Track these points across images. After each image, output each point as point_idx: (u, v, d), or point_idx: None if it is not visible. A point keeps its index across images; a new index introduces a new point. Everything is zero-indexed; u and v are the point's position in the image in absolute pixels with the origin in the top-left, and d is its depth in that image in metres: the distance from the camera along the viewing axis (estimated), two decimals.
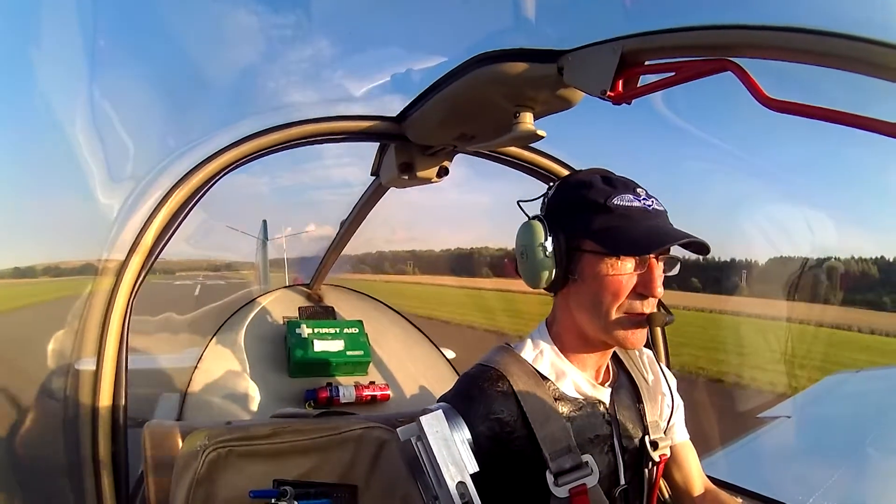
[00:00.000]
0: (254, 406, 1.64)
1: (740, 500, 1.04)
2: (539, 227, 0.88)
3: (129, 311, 1.14)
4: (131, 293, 1.14)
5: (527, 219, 0.92)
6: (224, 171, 1.20)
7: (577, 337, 0.92)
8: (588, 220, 0.86)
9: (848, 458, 1.80)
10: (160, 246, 1.16)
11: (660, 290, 0.85)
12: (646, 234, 0.83)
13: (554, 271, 0.88)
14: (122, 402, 1.12)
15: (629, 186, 0.87)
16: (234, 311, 1.87)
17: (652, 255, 0.85)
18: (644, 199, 0.86)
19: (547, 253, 0.87)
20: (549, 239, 0.87)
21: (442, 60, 1.04)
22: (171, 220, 1.16)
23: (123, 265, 1.13)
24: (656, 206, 0.86)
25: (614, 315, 0.85)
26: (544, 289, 0.92)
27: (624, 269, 0.84)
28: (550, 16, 0.92)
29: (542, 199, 0.95)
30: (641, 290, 0.84)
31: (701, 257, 0.92)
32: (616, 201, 0.84)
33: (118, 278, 1.13)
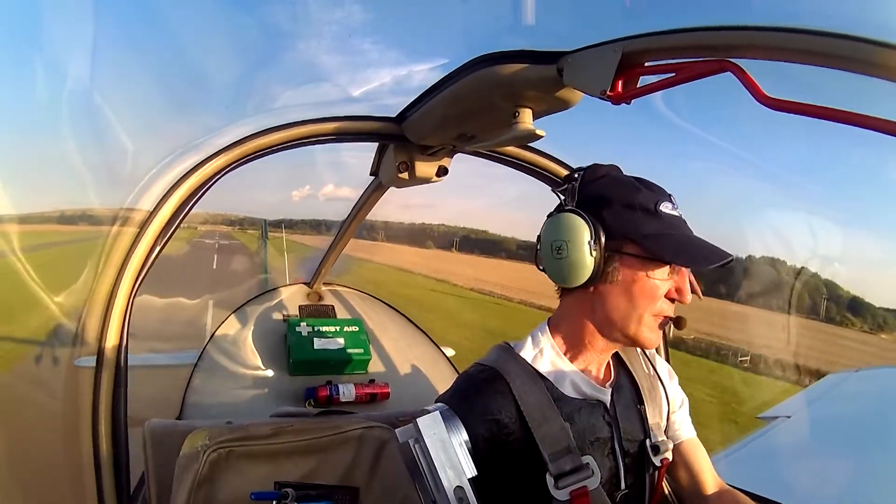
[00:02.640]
0: (254, 404, 1.64)
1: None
2: (584, 224, 0.85)
3: (129, 310, 1.14)
4: (131, 293, 1.14)
5: (561, 209, 0.90)
6: (223, 171, 1.20)
7: (586, 337, 0.91)
8: (638, 223, 0.85)
9: (847, 459, 1.80)
10: (159, 246, 1.16)
11: (689, 296, 0.88)
12: (693, 246, 0.84)
13: (592, 270, 0.86)
14: (123, 400, 1.12)
15: (665, 193, 0.88)
16: (235, 308, 1.87)
17: None
18: (677, 207, 0.88)
19: (593, 252, 0.85)
20: (594, 237, 0.85)
21: (442, 62, 1.04)
22: (170, 220, 1.17)
23: (123, 265, 1.13)
24: (682, 215, 0.88)
25: (647, 318, 0.87)
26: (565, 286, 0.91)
27: (662, 275, 0.86)
28: (550, 17, 0.92)
29: (569, 189, 0.92)
30: (675, 296, 0.87)
31: None
32: (663, 208, 0.85)
33: (118, 278, 1.13)
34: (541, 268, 0.92)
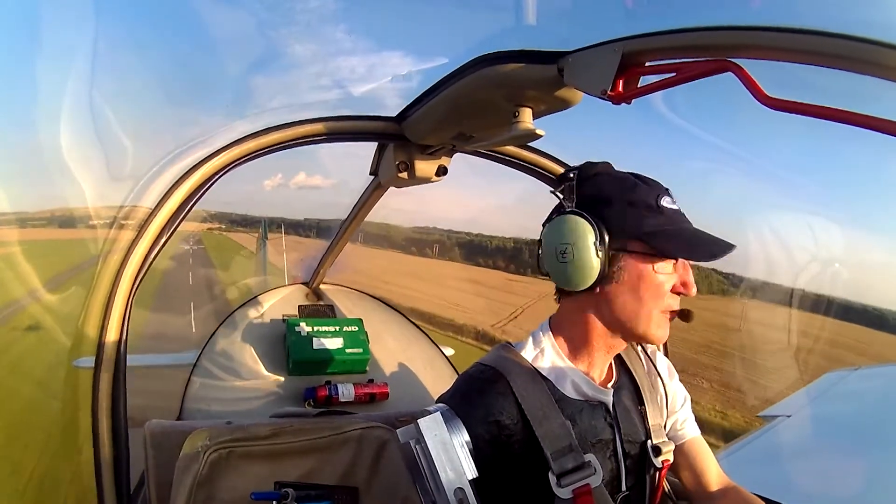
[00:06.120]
0: (254, 404, 1.64)
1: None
2: (588, 226, 0.83)
3: (128, 310, 1.14)
4: (130, 293, 1.14)
5: (561, 211, 0.88)
6: (223, 170, 1.20)
7: (592, 339, 0.90)
8: (641, 220, 0.84)
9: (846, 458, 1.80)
10: (158, 246, 1.16)
11: (694, 289, 0.87)
12: (696, 239, 0.84)
13: (598, 272, 0.83)
14: (122, 400, 1.12)
15: (663, 187, 0.88)
16: (234, 309, 1.87)
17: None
18: (676, 201, 0.88)
19: (598, 253, 0.83)
20: (598, 238, 0.83)
21: (442, 62, 1.04)
22: (170, 220, 1.16)
23: (122, 265, 1.13)
24: (681, 209, 0.88)
25: (655, 315, 0.86)
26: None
27: (667, 270, 0.85)
28: (551, 17, 0.92)
29: (566, 190, 0.89)
30: (681, 290, 0.87)
31: None
32: (664, 203, 0.85)
33: (117, 278, 1.13)
34: (544, 271, 0.90)
